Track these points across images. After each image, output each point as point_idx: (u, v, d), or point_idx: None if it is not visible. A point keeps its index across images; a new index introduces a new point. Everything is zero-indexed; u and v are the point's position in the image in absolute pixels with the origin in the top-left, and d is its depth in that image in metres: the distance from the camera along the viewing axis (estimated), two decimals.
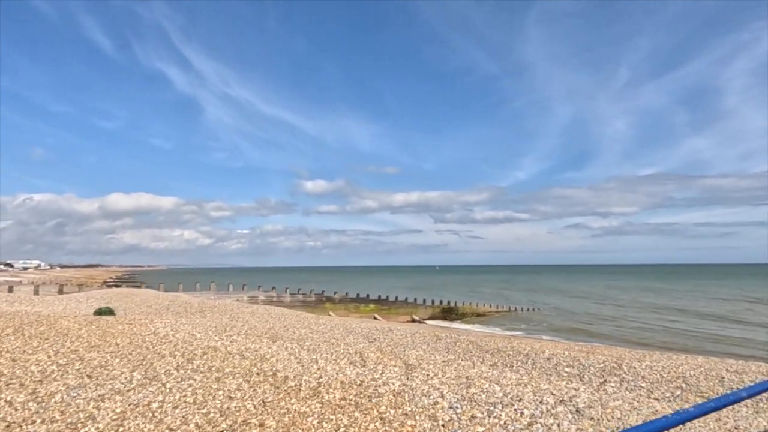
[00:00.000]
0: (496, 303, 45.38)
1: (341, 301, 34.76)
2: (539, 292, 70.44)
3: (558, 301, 52.01)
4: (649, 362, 8.54)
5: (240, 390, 5.90)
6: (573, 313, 40.82)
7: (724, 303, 48.91)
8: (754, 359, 17.37)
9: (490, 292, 72.90)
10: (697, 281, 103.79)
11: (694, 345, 25.60)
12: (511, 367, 8.43)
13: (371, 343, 10.79)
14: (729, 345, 25.62)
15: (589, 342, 25.26)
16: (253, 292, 32.61)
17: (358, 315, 34.89)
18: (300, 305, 32.82)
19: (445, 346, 10.48)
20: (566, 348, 12.07)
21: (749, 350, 23.95)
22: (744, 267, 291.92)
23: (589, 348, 12.54)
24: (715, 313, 39.43)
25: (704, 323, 33.68)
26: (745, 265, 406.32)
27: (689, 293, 63.25)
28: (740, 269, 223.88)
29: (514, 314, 41.82)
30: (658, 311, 42.05)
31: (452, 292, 68.21)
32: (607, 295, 59.39)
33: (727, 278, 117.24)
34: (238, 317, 15.52)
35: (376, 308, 35.77)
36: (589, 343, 24.25)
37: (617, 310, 43.66)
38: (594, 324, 33.42)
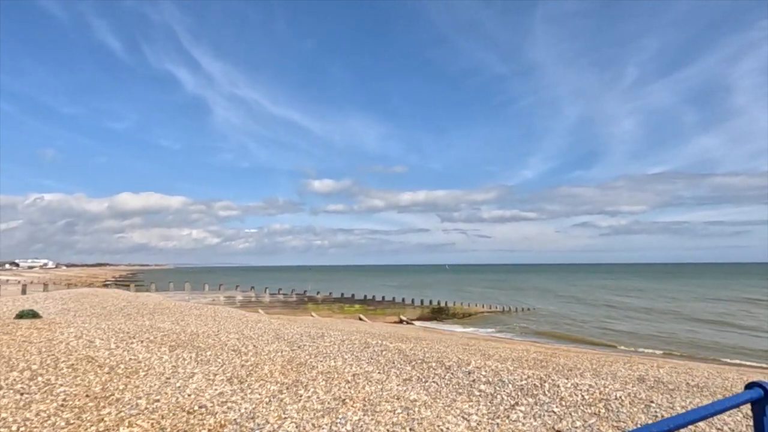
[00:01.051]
0: (489, 303, 44.14)
1: (324, 302, 33.75)
2: (536, 293, 69.03)
3: (551, 302, 50.56)
4: (578, 380, 7.40)
5: (45, 411, 4.89)
6: (561, 315, 39.47)
7: (720, 304, 47.37)
8: (737, 366, 16.22)
9: (490, 292, 71.67)
10: (701, 281, 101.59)
11: (669, 349, 24.48)
12: (424, 383, 7.34)
13: (292, 351, 9.74)
14: (708, 350, 24.39)
15: (560, 344, 24.13)
16: (231, 293, 31.69)
17: (343, 315, 33.90)
18: (280, 306, 31.89)
19: (369, 356, 9.38)
20: (516, 356, 10.94)
21: (729, 356, 22.70)
22: (754, 266, 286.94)
23: (544, 356, 11.40)
24: (706, 315, 37.91)
25: (694, 326, 32.23)
26: (756, 264, 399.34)
27: (687, 294, 61.40)
28: (750, 268, 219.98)
29: (506, 315, 40.63)
30: (648, 313, 40.73)
31: (450, 292, 67.03)
32: (601, 297, 57.66)
33: (733, 277, 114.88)
34: (181, 320, 14.57)
35: (362, 309, 34.73)
36: (556, 344, 23.13)
37: (606, 311, 42.36)
38: (576, 326, 32.09)
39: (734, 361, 20.26)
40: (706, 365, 14.81)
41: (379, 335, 14.46)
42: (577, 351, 18.03)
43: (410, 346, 11.04)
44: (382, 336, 14.34)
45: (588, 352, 18.49)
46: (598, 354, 16.83)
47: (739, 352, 23.63)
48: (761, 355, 23.16)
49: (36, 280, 77.50)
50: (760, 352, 23.71)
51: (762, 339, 27.08)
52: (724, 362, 19.73)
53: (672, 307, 44.90)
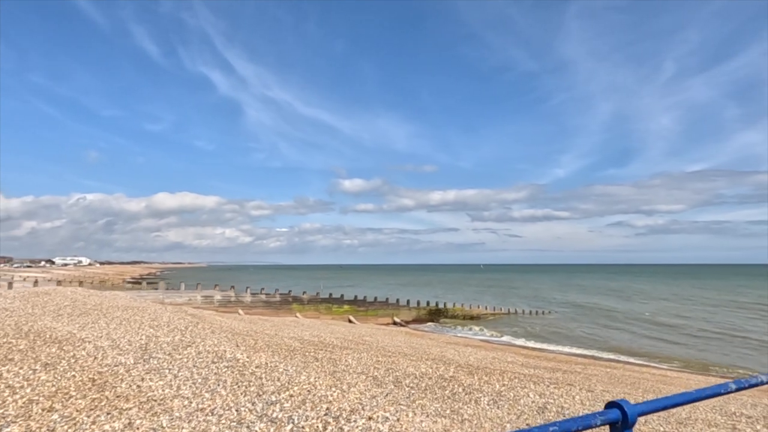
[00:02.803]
0: (494, 305, 41.81)
1: (311, 302, 32.35)
2: (558, 293, 65.80)
3: (567, 305, 47.53)
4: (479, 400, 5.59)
5: None
6: (572, 320, 36.70)
7: (740, 311, 43.50)
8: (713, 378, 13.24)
9: (513, 291, 69.03)
10: (737, 283, 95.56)
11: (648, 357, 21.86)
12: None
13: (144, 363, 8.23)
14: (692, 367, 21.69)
15: (552, 353, 21.88)
16: (209, 292, 30.69)
17: (330, 317, 32.48)
18: (262, 306, 30.71)
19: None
20: (483, 367, 9.16)
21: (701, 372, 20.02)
22: None
23: (518, 371, 9.57)
24: (718, 323, 34.35)
25: (700, 332, 29.08)
26: None
27: (715, 298, 56.61)
28: None
29: (513, 317, 38.27)
30: (657, 323, 37.53)
31: (463, 292, 64.74)
32: (618, 302, 53.82)
33: None
34: (94, 321, 13.38)
35: (351, 310, 33.19)
36: (543, 354, 20.69)
37: (624, 320, 39.28)
38: (570, 333, 29.18)
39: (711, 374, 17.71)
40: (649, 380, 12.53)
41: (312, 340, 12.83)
42: (532, 367, 15.99)
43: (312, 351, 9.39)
44: (329, 341, 12.71)
45: (560, 367, 16.40)
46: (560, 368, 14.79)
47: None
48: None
49: (62, 277, 79.71)
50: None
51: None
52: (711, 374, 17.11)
53: (696, 314, 41.52)
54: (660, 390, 12.23)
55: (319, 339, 15.77)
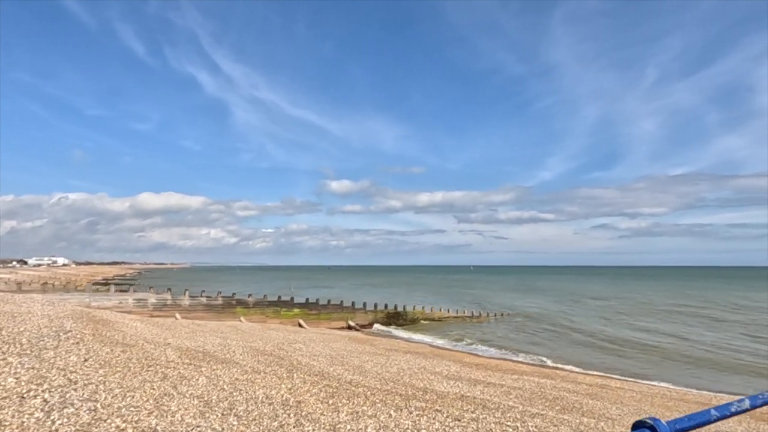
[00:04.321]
0: (457, 308, 40.38)
1: (257, 305, 30.59)
2: (529, 295, 64.70)
3: (535, 307, 46.05)
4: None
5: None
6: (535, 322, 35.32)
7: (680, 317, 42.43)
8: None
9: (487, 293, 67.86)
10: (709, 285, 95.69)
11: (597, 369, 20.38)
12: None
13: None
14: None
15: (497, 359, 20.29)
16: (143, 295, 28.85)
17: (278, 320, 30.79)
18: (202, 309, 28.93)
19: None
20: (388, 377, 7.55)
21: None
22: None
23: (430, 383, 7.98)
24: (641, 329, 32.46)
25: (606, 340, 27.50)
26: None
27: (665, 303, 54.90)
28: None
29: (475, 320, 36.88)
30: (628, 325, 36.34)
31: (439, 294, 63.37)
32: (593, 304, 52.32)
33: (752, 281, 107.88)
34: None
35: (302, 313, 31.52)
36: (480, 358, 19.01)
37: (587, 321, 38.03)
38: (531, 340, 27.48)
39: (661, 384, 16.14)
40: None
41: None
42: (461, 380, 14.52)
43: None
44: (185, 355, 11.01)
45: (481, 380, 14.92)
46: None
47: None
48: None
49: (27, 278, 77.20)
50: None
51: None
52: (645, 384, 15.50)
53: (657, 322, 40.42)
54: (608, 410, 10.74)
55: (221, 350, 14.09)
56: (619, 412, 11.37)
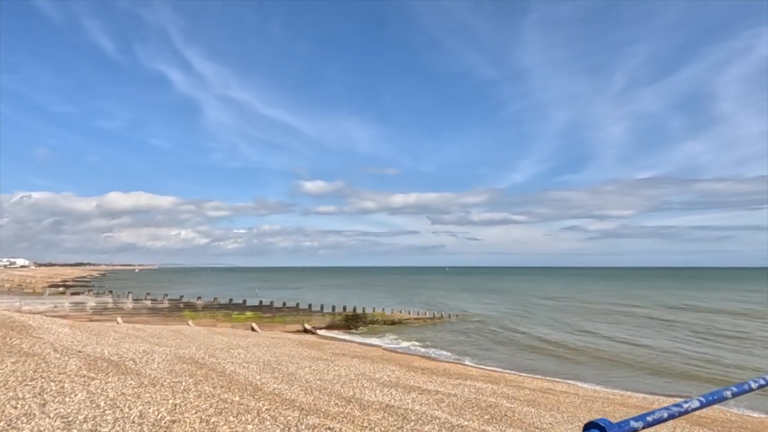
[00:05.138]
0: (418, 309, 39.88)
1: (207, 308, 29.36)
2: (493, 297, 64.81)
3: (493, 309, 45.62)
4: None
5: None
6: (492, 324, 34.93)
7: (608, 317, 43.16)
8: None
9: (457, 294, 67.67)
10: (666, 285, 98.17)
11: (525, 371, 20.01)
12: None
13: None
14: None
15: (445, 362, 19.64)
16: (81, 298, 27.34)
17: (230, 324, 29.68)
18: (147, 313, 27.60)
19: None
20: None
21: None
22: (737, 271, 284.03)
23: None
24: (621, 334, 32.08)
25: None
26: (740, 268, 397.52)
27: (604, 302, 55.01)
28: (733, 273, 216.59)
29: (437, 321, 36.41)
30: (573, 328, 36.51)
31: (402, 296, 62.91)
32: (549, 305, 52.16)
33: (710, 282, 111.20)
34: None
35: (255, 317, 30.43)
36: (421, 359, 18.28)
37: (539, 324, 38.07)
38: (486, 344, 26.74)
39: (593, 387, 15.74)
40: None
41: None
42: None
43: None
44: None
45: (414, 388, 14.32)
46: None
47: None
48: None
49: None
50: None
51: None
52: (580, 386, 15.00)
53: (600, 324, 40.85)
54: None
55: (138, 358, 13.06)
56: (552, 420, 10.87)
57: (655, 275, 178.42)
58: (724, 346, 25.29)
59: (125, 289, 54.63)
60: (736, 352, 23.88)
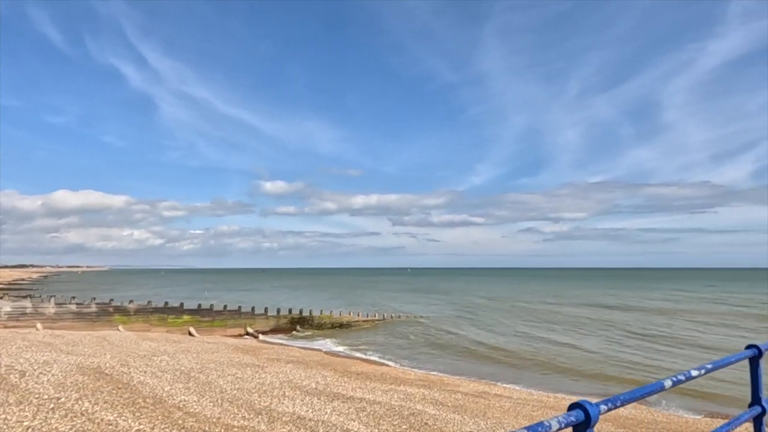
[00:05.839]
0: (368, 311, 39.30)
1: (139, 312, 27.71)
2: (445, 297, 65.03)
3: (438, 311, 45.31)
4: None
5: None
6: (428, 326, 34.51)
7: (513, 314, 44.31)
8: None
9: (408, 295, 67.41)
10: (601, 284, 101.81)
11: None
12: None
13: None
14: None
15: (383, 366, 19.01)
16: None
17: (165, 329, 28.13)
18: (72, 318, 25.76)
19: None
20: None
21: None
22: (680, 271, 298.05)
23: None
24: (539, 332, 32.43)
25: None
26: (684, 269, 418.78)
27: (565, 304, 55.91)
28: (676, 273, 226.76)
29: (386, 324, 35.79)
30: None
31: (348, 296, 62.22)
32: (492, 306, 52.29)
33: (653, 283, 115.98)
34: None
35: (193, 320, 29.00)
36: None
37: (483, 327, 38.26)
38: (428, 348, 26.07)
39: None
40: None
41: None
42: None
43: None
44: None
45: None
46: None
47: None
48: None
49: None
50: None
51: None
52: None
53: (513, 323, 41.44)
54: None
55: (29, 369, 11.77)
56: (474, 428, 10.42)
57: (604, 276, 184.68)
58: (655, 347, 25.48)
59: (66, 292, 51.52)
60: (662, 353, 23.96)
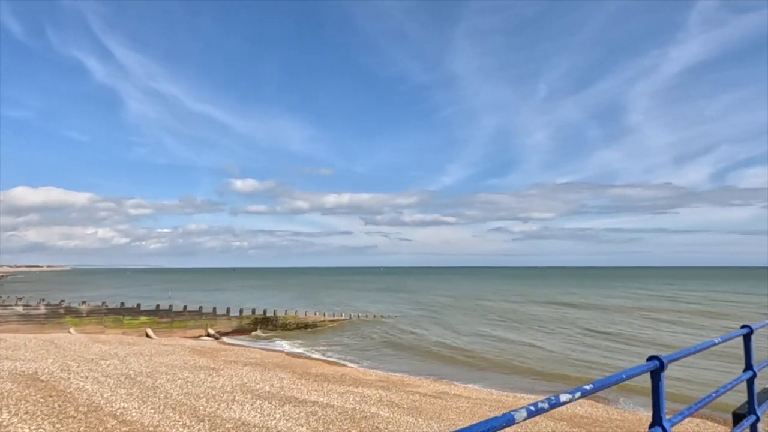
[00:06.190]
0: (334, 311, 38.89)
1: (93, 313, 26.56)
2: (412, 297, 65.12)
3: (403, 310, 45.06)
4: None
5: None
6: (393, 326, 34.28)
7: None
8: None
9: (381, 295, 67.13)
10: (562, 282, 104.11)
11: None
12: None
13: None
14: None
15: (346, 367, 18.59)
16: None
17: (121, 331, 27.09)
18: (18, 320, 24.47)
19: None
20: None
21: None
22: (644, 270, 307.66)
23: None
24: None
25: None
26: (647, 268, 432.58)
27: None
28: (639, 272, 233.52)
29: (352, 324, 35.40)
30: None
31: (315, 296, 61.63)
32: (453, 305, 52.47)
33: (617, 281, 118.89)
34: None
35: (151, 321, 28.00)
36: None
37: (444, 327, 38.39)
38: (390, 349, 25.69)
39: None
40: None
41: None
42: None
43: None
44: None
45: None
46: None
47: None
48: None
49: None
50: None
51: None
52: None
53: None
54: None
55: None
56: (428, 431, 10.21)
57: (570, 275, 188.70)
58: (613, 346, 25.53)
59: (23, 293, 48.99)
60: (620, 352, 23.98)
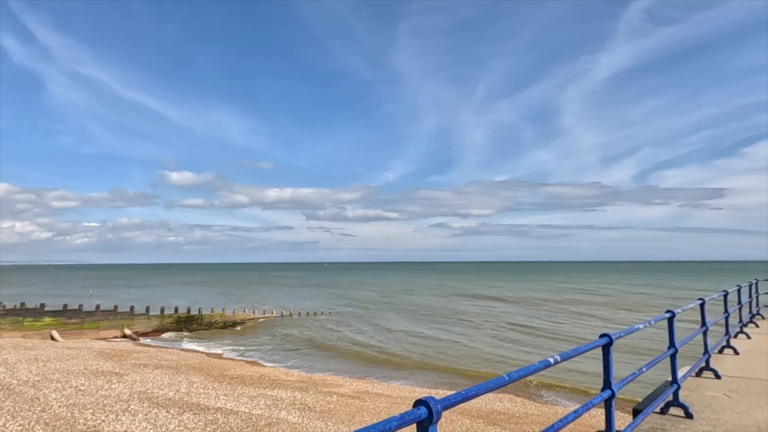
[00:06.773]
0: (265, 308, 37.62)
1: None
2: (347, 293, 64.61)
3: (333, 306, 44.28)
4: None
5: None
6: (321, 324, 33.44)
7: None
8: None
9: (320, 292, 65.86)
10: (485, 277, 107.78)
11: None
12: None
13: None
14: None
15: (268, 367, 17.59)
16: None
17: (20, 333, 24.63)
18: None
19: None
20: None
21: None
22: (573, 264, 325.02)
23: None
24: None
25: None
26: (576, 262, 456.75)
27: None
28: (568, 266, 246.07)
29: (286, 320, 34.26)
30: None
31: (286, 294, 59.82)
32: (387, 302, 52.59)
33: (548, 275, 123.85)
34: None
35: (57, 323, 25.66)
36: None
37: (376, 325, 38.25)
38: (316, 348, 24.86)
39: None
40: None
41: None
42: None
43: None
44: None
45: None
46: None
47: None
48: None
49: None
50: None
51: None
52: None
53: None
54: None
55: None
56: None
57: (504, 269, 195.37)
58: (532, 341, 25.64)
59: None
60: (538, 347, 24.11)
